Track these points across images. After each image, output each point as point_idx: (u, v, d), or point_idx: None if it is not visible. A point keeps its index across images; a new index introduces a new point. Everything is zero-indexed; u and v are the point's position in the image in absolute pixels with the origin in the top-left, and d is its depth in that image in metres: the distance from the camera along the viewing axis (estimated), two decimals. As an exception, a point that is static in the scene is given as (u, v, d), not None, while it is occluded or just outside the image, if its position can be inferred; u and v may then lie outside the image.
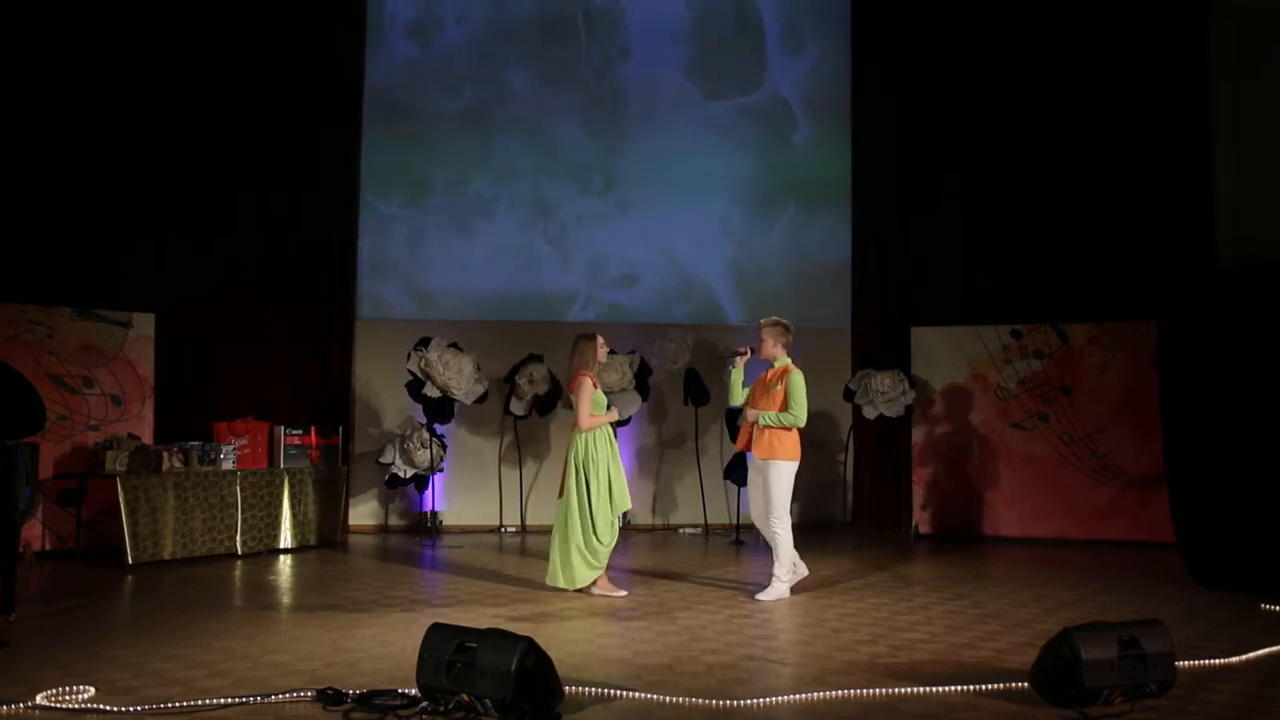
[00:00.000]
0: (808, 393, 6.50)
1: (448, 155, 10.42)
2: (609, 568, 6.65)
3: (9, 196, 8.80)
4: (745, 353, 6.68)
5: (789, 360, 6.63)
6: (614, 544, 6.55)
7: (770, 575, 6.52)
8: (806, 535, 9.93)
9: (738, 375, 6.68)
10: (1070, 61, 10.00)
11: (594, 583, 6.52)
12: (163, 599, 6.51)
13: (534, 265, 10.45)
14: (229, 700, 4.03)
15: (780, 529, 6.45)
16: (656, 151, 10.62)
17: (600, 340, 6.82)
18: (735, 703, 4.07)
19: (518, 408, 9.71)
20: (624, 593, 6.53)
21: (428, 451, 9.22)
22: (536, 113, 10.53)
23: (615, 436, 6.72)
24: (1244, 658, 4.79)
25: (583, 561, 6.47)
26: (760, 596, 6.41)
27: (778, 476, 6.45)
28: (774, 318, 6.71)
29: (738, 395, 6.70)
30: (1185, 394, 6.98)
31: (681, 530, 10.20)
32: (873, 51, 10.61)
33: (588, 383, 6.55)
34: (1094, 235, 9.84)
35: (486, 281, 10.39)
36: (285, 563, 8.06)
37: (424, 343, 9.13)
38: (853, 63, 10.74)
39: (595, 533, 6.44)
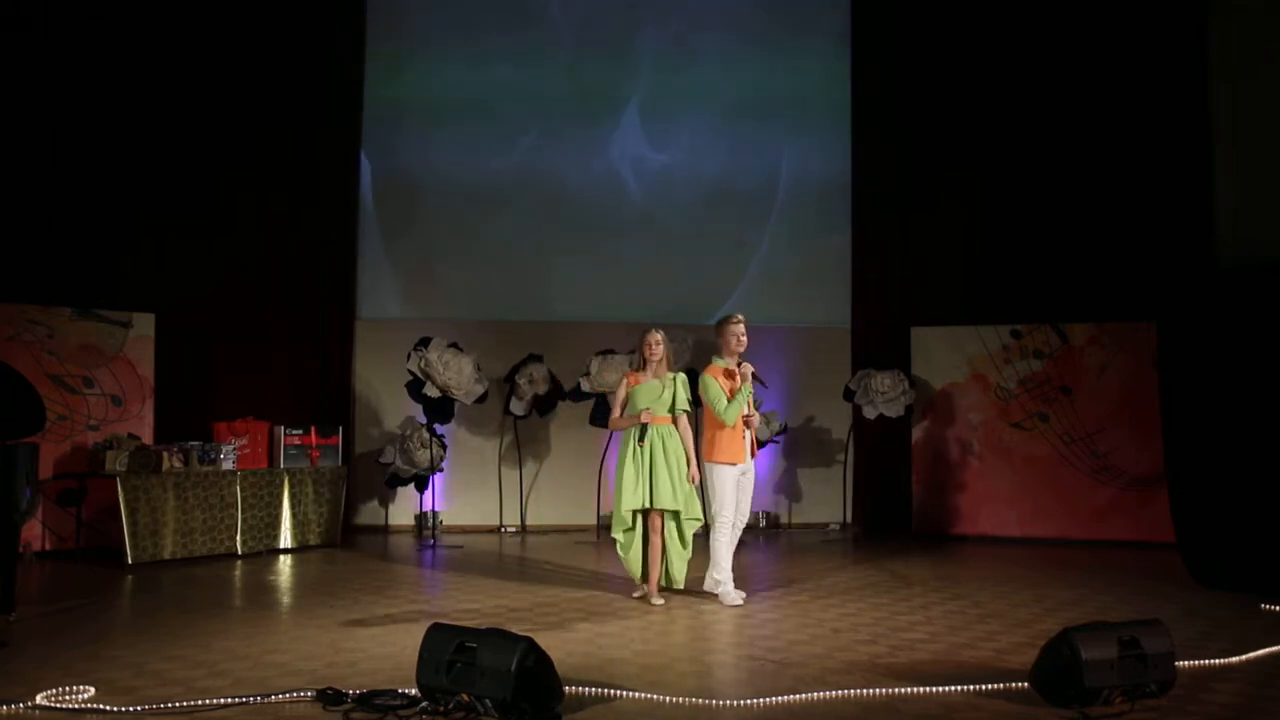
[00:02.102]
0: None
1: (449, 153, 10.42)
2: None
3: (9, 196, 8.80)
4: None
5: None
6: (630, 544, 6.38)
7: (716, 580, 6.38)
8: (807, 535, 9.97)
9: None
10: (1070, 61, 10.00)
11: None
12: (163, 599, 6.51)
13: (535, 265, 10.46)
14: (229, 700, 4.03)
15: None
16: (657, 152, 10.64)
17: (648, 338, 6.37)
18: (735, 703, 4.07)
19: (518, 408, 9.71)
20: (637, 595, 6.48)
21: (428, 451, 9.22)
22: (536, 110, 10.54)
23: (641, 439, 6.25)
24: (1244, 658, 4.79)
25: None
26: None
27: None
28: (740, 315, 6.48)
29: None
30: (1185, 394, 6.98)
31: (681, 530, 10.19)
32: (873, 51, 10.61)
33: (624, 383, 6.48)
34: (1094, 235, 9.84)
35: (488, 281, 10.40)
36: (285, 563, 8.06)
37: (424, 343, 9.13)
38: (853, 62, 10.74)
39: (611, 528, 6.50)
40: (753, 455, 6.47)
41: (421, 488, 9.42)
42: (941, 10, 10.40)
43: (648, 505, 6.26)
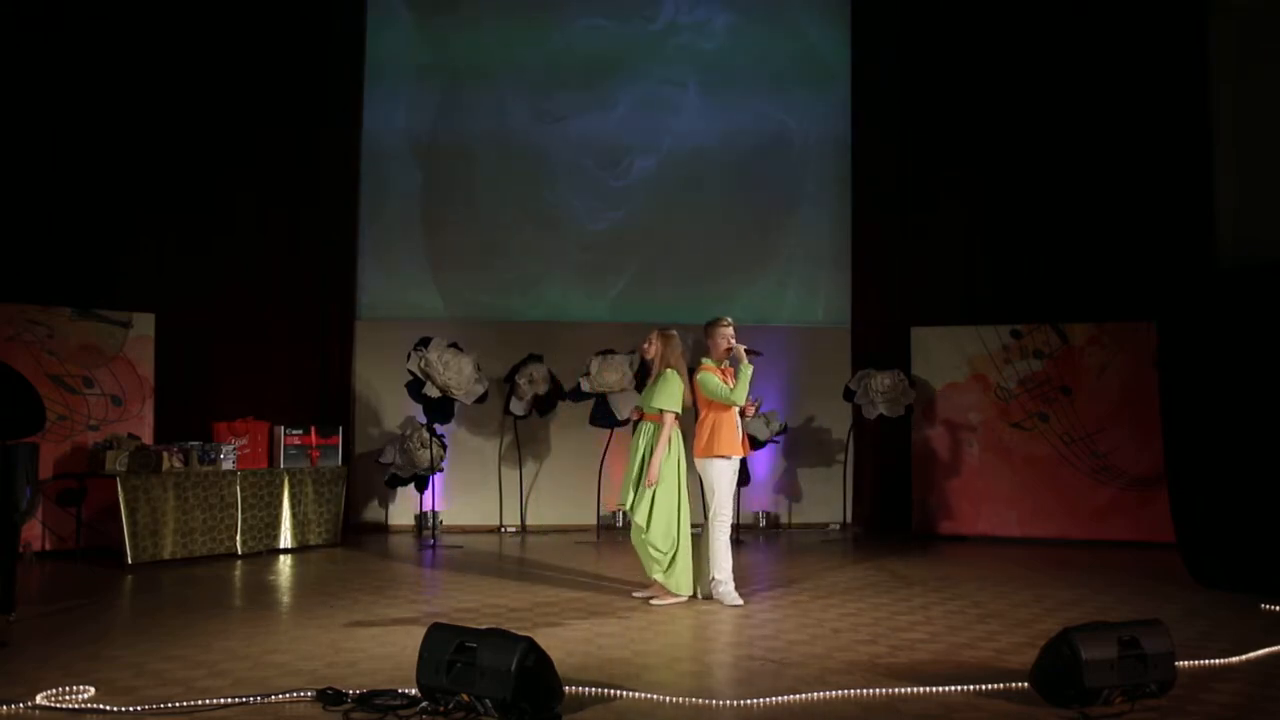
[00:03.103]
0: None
1: (448, 153, 10.43)
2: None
3: (9, 196, 8.79)
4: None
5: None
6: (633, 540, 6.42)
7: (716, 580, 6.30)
8: (807, 535, 9.97)
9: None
10: (1070, 61, 10.00)
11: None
12: (163, 599, 6.51)
13: (535, 265, 10.47)
14: (229, 700, 4.03)
15: None
16: (656, 155, 10.65)
17: (647, 337, 6.55)
18: (735, 703, 4.07)
19: (518, 408, 9.71)
20: (637, 595, 6.48)
21: (428, 451, 9.22)
22: (530, 110, 10.54)
23: (633, 433, 6.44)
24: (1244, 658, 4.79)
25: None
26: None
27: None
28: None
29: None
30: (1185, 394, 6.98)
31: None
32: (873, 51, 10.61)
33: None
34: (1094, 235, 9.84)
35: (488, 281, 10.41)
36: (285, 563, 8.06)
37: (424, 343, 9.13)
38: (852, 62, 10.74)
39: None
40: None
41: (421, 488, 9.41)
42: (942, 10, 10.40)
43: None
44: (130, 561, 7.57)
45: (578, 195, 10.56)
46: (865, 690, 4.21)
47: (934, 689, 4.22)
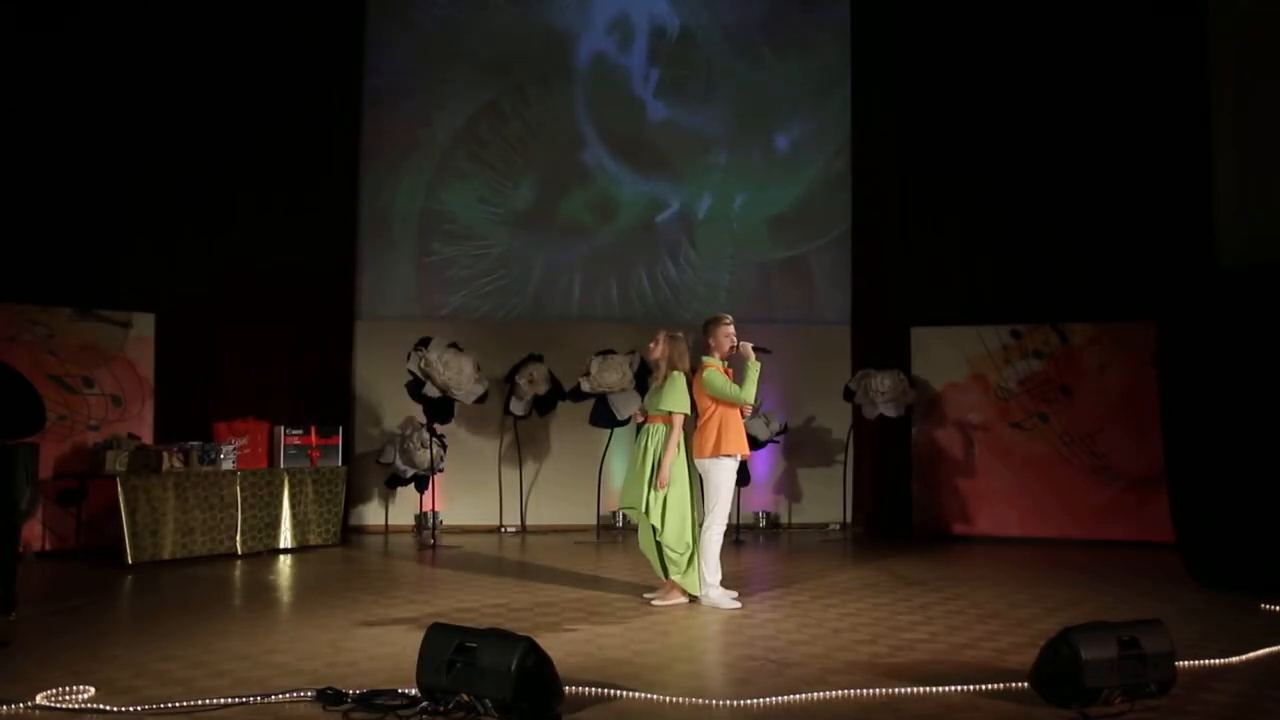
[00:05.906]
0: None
1: (448, 153, 10.43)
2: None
3: (9, 197, 8.79)
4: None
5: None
6: (640, 543, 6.40)
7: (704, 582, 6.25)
8: (807, 535, 9.97)
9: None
10: (1070, 61, 10.00)
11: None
12: (163, 599, 6.51)
13: (535, 265, 10.47)
14: (229, 700, 4.03)
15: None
16: (655, 155, 10.66)
17: (654, 338, 6.47)
18: (735, 703, 4.07)
19: (518, 408, 9.71)
20: (648, 597, 6.45)
21: (428, 451, 9.22)
22: (537, 110, 10.56)
23: (638, 435, 6.41)
24: (1244, 658, 4.79)
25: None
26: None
27: None
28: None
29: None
30: (1185, 394, 6.98)
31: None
32: (872, 51, 10.61)
33: None
34: (1094, 235, 9.84)
35: (488, 280, 10.41)
36: (285, 563, 8.06)
37: (424, 343, 9.12)
38: (853, 61, 10.74)
39: None
40: None
41: (421, 488, 9.41)
42: (942, 10, 10.40)
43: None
44: (130, 561, 7.57)
45: (578, 193, 10.55)
46: (865, 690, 4.21)
47: (934, 689, 4.22)
